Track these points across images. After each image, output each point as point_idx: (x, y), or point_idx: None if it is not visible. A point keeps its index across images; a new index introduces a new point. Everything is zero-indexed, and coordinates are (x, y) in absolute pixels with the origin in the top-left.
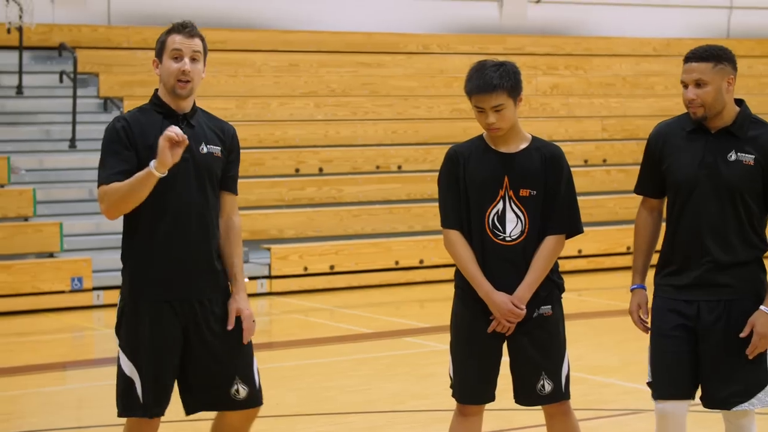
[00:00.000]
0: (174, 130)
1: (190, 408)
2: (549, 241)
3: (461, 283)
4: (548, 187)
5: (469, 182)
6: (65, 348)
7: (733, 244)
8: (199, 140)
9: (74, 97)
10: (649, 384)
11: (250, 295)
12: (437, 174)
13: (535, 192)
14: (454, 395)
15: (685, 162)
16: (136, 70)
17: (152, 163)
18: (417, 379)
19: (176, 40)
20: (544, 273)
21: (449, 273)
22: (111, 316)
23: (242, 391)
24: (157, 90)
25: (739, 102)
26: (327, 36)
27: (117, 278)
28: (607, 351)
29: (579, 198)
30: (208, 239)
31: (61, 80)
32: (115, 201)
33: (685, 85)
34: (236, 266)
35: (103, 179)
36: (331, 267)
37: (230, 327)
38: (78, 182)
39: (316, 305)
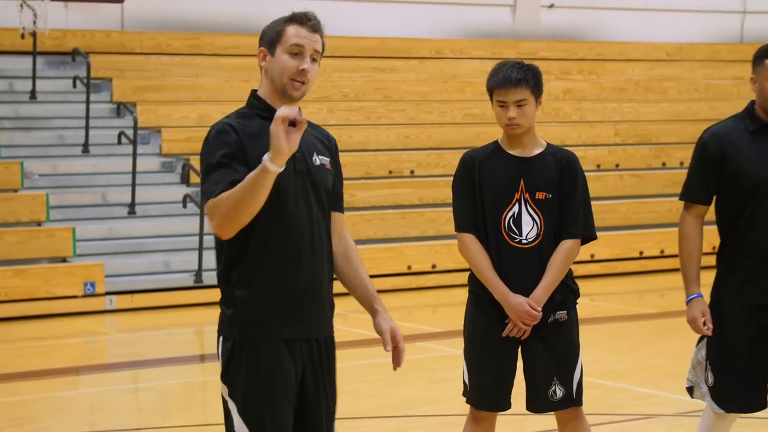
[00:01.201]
0: (289, 109)
1: None
2: (565, 245)
3: (475, 288)
4: (564, 192)
5: (484, 185)
6: (78, 352)
7: None
8: (311, 150)
9: (87, 102)
10: (710, 388)
11: None
12: (450, 179)
13: (551, 195)
14: (468, 401)
15: (759, 161)
16: (149, 75)
17: (265, 156)
18: (429, 384)
19: (299, 34)
20: (561, 276)
21: (462, 278)
22: (123, 321)
23: None
24: (255, 91)
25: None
26: (340, 41)
27: (129, 283)
28: (620, 356)
29: (592, 203)
30: (328, 267)
31: (74, 85)
32: (227, 212)
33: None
34: (370, 285)
35: (210, 192)
36: None
37: (388, 349)
38: (91, 187)
39: None
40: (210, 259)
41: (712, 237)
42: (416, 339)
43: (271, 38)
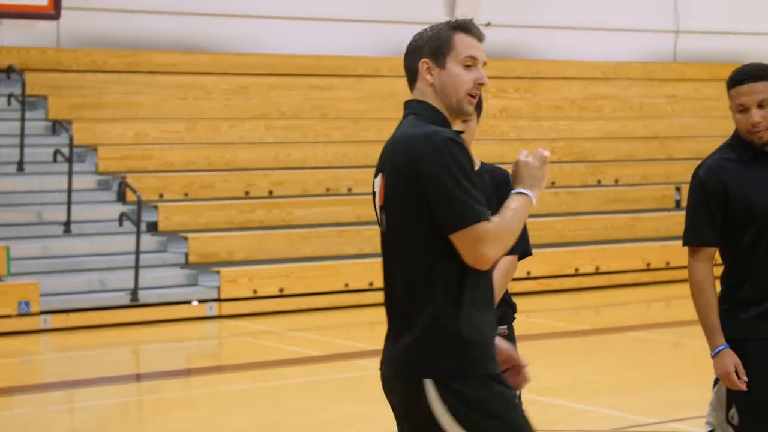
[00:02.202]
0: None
1: None
2: (504, 262)
3: None
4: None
5: None
6: (12, 372)
7: None
8: None
9: (22, 119)
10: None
11: (199, 319)
12: None
13: (490, 213)
14: None
15: (763, 192)
16: (85, 92)
17: (525, 189)
18: (367, 401)
19: (472, 44)
20: (501, 292)
21: None
22: (58, 340)
23: None
24: (418, 102)
25: None
26: (277, 59)
27: (64, 302)
28: (555, 372)
29: (528, 219)
30: None
31: (9, 103)
32: (507, 242)
33: (744, 109)
34: None
35: (480, 215)
36: (281, 290)
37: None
38: (26, 205)
39: (266, 328)
40: (146, 277)
41: (646, 253)
42: (354, 357)
43: (437, 48)
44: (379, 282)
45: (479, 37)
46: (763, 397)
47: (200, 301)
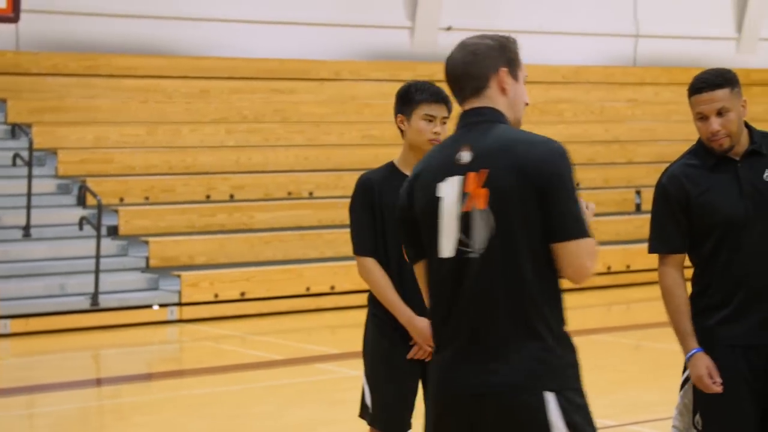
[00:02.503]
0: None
1: None
2: None
3: (377, 311)
4: None
5: (384, 209)
6: None
7: None
8: None
9: None
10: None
11: (160, 323)
12: (349, 200)
13: None
14: (371, 422)
15: (723, 198)
16: (45, 96)
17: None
18: (329, 405)
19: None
20: None
21: (361, 299)
22: (18, 345)
23: None
24: (493, 111)
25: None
26: (238, 62)
27: (24, 306)
28: None
29: None
30: None
31: None
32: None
33: (704, 117)
34: None
35: (589, 230)
36: (242, 293)
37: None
38: None
39: (227, 332)
40: (106, 281)
41: (606, 256)
42: (315, 361)
43: (513, 60)
44: (340, 285)
45: None
46: (724, 404)
47: (161, 306)
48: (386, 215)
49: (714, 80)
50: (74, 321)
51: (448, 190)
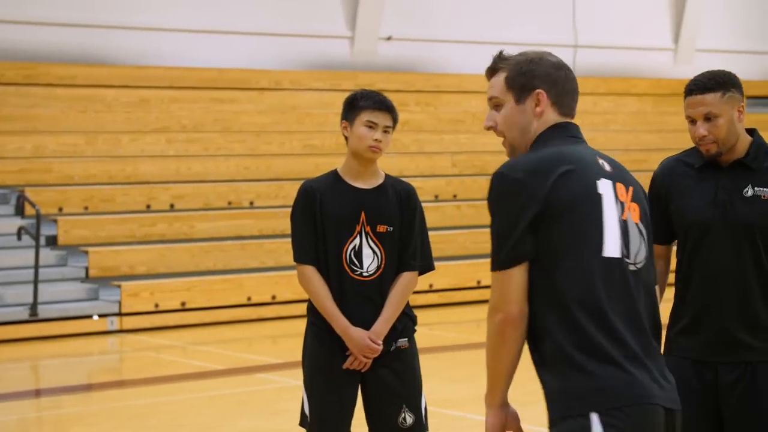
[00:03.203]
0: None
1: None
2: (404, 278)
3: (316, 320)
4: (403, 224)
5: (325, 217)
6: None
7: (754, 294)
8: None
9: None
10: None
11: (100, 333)
12: (290, 210)
13: (391, 228)
14: (309, 431)
15: (696, 202)
16: None
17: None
18: (270, 415)
19: None
20: (400, 308)
21: (301, 308)
22: None
23: None
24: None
25: (751, 131)
26: (178, 72)
27: None
28: (458, 384)
29: (430, 233)
30: None
31: None
32: None
33: (692, 121)
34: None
35: None
36: (183, 303)
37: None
38: None
39: (168, 342)
40: (45, 292)
41: None
42: (256, 371)
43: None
44: (281, 295)
45: None
46: None
47: (101, 316)
48: (327, 224)
49: (705, 84)
50: (13, 332)
51: (607, 191)
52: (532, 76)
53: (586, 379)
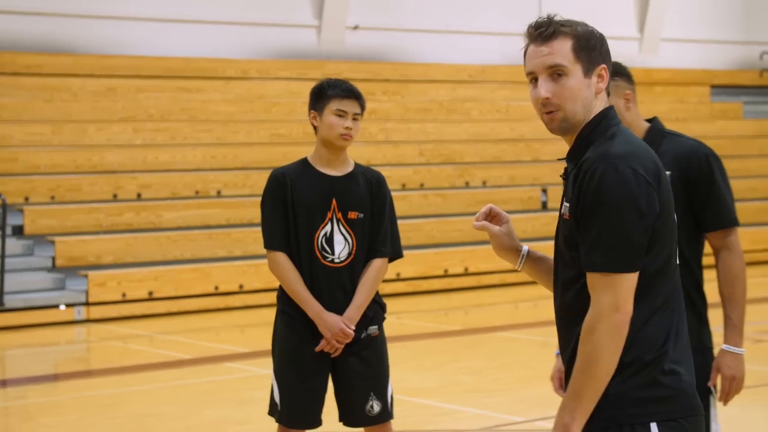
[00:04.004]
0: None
1: None
2: (375, 264)
3: (286, 308)
4: (374, 211)
5: (297, 204)
6: None
7: None
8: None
9: None
10: None
11: (67, 323)
12: (257, 198)
13: (362, 215)
14: (279, 420)
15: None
16: None
17: None
18: (238, 404)
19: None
20: (372, 294)
21: (269, 297)
22: None
23: None
24: None
25: (649, 120)
26: (145, 61)
27: None
28: (426, 373)
29: (398, 222)
30: None
31: None
32: None
33: None
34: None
35: None
36: (150, 293)
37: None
38: None
39: (135, 332)
40: (12, 281)
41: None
42: (224, 360)
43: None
44: (249, 284)
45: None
46: None
47: (68, 305)
48: (299, 210)
49: None
50: None
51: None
52: (600, 49)
53: (650, 388)
